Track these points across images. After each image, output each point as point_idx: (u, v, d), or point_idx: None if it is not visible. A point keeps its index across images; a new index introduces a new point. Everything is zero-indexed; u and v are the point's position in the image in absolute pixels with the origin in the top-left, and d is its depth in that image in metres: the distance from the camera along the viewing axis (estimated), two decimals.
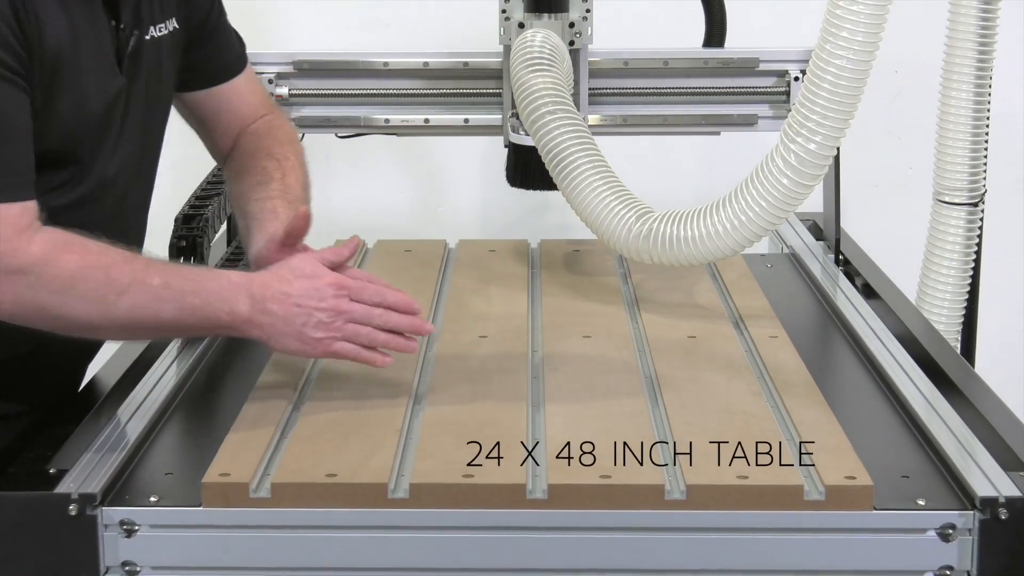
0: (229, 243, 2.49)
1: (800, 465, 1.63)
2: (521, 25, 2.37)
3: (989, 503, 1.55)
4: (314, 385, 1.87)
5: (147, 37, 1.86)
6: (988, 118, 2.64)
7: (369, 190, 3.42)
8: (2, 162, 1.65)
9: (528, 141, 2.24)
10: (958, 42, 2.60)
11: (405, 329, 1.77)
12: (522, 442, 1.67)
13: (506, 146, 2.48)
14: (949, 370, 1.96)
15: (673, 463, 1.63)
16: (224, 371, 2.01)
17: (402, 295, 1.78)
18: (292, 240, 1.82)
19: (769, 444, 1.67)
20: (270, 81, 2.50)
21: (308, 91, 2.55)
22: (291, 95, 2.53)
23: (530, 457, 1.64)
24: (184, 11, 1.95)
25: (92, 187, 1.82)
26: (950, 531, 1.56)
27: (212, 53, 2.04)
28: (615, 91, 2.55)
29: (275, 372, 1.92)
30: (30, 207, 1.68)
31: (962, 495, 1.59)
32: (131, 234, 1.93)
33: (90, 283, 1.67)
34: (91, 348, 2.00)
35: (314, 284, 1.74)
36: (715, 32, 2.59)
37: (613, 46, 2.54)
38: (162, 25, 1.90)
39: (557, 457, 1.64)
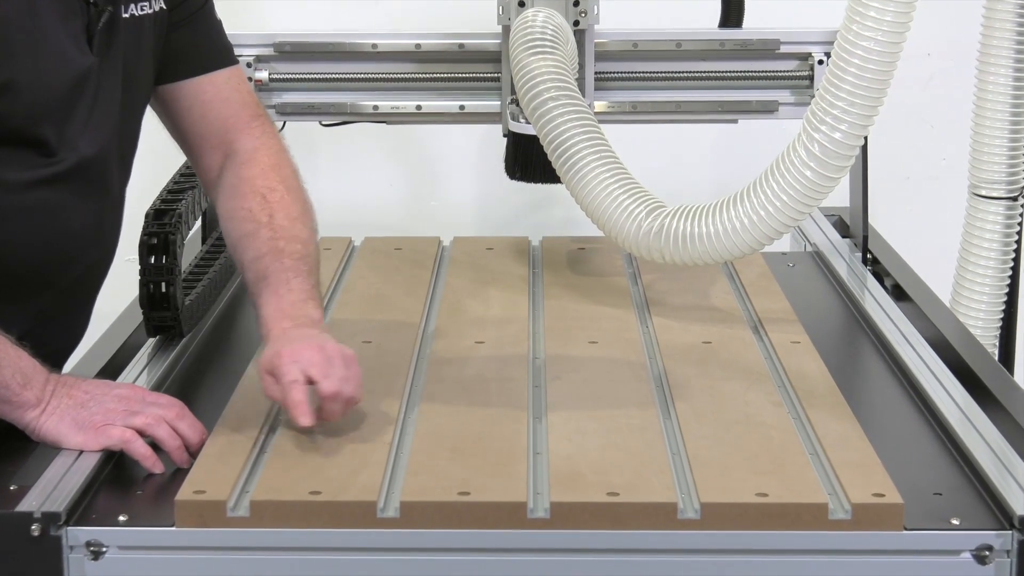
0: (204, 240, 2.50)
1: (825, 480, 1.63)
2: (521, 3, 2.37)
3: None
4: None
5: (126, 15, 1.88)
6: None
7: (356, 183, 3.42)
8: None
9: (529, 130, 2.24)
10: (996, 22, 2.61)
11: (187, 437, 1.73)
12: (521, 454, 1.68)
13: (505, 135, 2.48)
14: (986, 378, 1.96)
15: (687, 479, 1.64)
16: (199, 379, 2.02)
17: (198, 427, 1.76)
18: None
19: (791, 459, 1.67)
20: (248, 65, 2.51)
21: (290, 75, 2.55)
22: (271, 80, 2.53)
23: (531, 473, 1.64)
24: None
25: (71, 165, 1.84)
26: (987, 553, 1.56)
27: (194, 39, 2.02)
28: (623, 75, 2.55)
29: (254, 381, 1.92)
30: None
31: (999, 514, 1.60)
32: (110, 215, 1.95)
33: None
34: (65, 350, 2.01)
35: (111, 385, 1.80)
36: (732, 12, 2.60)
37: (621, 26, 2.54)
38: (145, 3, 1.91)
39: (560, 473, 1.64)
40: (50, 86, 1.80)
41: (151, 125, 2.11)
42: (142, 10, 1.90)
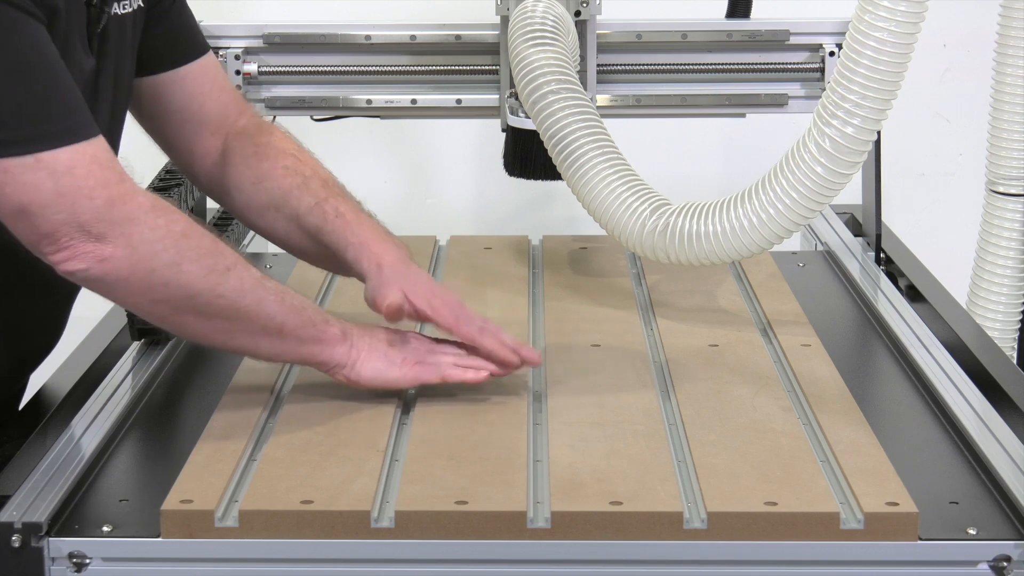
0: None
1: (836, 488, 1.64)
2: None
3: None
4: (287, 400, 1.88)
5: (113, 14, 1.88)
6: None
7: (349, 180, 3.39)
8: (64, 99, 1.66)
9: (528, 124, 2.25)
10: (1014, 11, 2.61)
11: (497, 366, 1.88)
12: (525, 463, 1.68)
13: (504, 130, 2.49)
14: (1004, 382, 1.96)
15: (693, 488, 1.64)
16: (186, 384, 2.02)
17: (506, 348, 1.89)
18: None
19: (801, 466, 1.67)
20: (236, 57, 2.51)
21: (280, 68, 2.55)
22: (260, 73, 2.53)
23: (531, 481, 1.65)
24: None
25: None
26: (1004, 564, 1.56)
27: (180, 27, 2.04)
28: (627, 68, 2.56)
29: (243, 384, 1.92)
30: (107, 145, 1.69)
31: (1018, 523, 1.60)
32: None
33: (200, 247, 1.69)
34: (37, 356, 2.01)
35: (401, 332, 1.91)
36: (740, 2, 2.60)
37: (625, 17, 2.54)
38: (126, 1, 1.91)
39: (561, 481, 1.65)
40: None
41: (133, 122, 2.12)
42: (124, 8, 1.90)
